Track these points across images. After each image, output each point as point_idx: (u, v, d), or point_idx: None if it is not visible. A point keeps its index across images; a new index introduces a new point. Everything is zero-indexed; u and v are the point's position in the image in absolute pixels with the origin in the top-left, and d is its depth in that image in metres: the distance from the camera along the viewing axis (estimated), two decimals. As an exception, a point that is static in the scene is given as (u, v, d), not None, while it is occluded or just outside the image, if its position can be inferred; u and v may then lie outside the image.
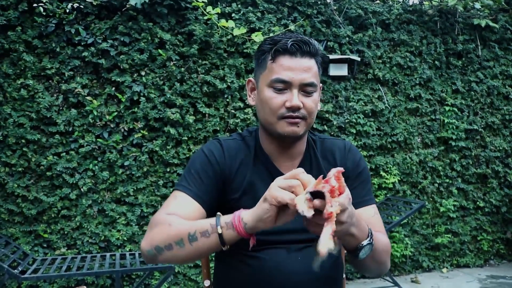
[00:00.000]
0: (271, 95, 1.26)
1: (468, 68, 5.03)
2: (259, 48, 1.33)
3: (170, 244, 1.14)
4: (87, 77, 3.81)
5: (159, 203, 3.95)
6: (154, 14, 3.93)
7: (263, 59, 1.30)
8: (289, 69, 1.24)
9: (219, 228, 1.08)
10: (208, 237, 1.10)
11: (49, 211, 3.72)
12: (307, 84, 1.25)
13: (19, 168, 3.65)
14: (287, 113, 1.25)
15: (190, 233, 1.11)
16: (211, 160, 1.33)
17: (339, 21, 4.55)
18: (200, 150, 1.38)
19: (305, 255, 1.27)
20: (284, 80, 1.24)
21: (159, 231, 1.17)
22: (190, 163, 1.35)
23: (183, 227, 1.14)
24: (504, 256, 5.28)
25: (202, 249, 1.12)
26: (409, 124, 4.81)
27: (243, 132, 1.46)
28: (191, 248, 1.12)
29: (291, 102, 1.23)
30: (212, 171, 1.31)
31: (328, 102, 4.51)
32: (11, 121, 3.61)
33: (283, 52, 1.25)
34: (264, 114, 1.29)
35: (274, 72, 1.25)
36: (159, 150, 3.92)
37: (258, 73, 1.33)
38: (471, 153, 5.05)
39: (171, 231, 1.15)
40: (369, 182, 1.43)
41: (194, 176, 1.30)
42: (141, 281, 3.75)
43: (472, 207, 5.08)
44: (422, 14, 4.88)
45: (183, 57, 4.02)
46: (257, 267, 1.26)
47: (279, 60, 1.26)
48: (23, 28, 3.65)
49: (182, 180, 1.31)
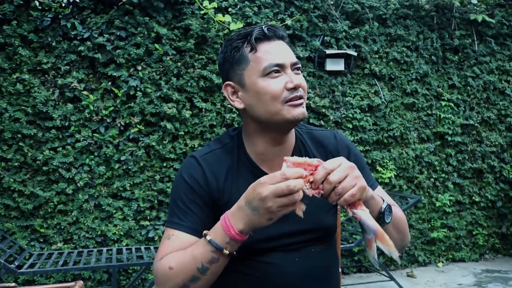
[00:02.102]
0: (269, 83, 1.20)
1: (464, 63, 5.04)
2: (229, 47, 1.27)
3: (184, 284, 1.14)
4: (83, 71, 3.80)
5: (155, 197, 3.95)
6: (150, 9, 3.91)
7: (240, 55, 1.24)
8: (275, 52, 1.22)
9: (224, 251, 1.09)
10: (218, 262, 1.11)
11: (46, 206, 3.72)
12: (296, 62, 1.24)
13: (15, 163, 3.64)
14: (291, 95, 1.20)
15: (198, 268, 1.11)
16: (194, 187, 1.26)
17: (336, 16, 4.54)
18: (180, 176, 1.29)
19: (302, 256, 1.26)
20: (278, 63, 1.21)
21: (167, 278, 1.16)
22: (174, 194, 1.28)
23: (187, 264, 1.13)
24: (499, 250, 5.31)
25: (217, 271, 1.13)
26: (405, 119, 4.82)
27: (222, 137, 1.37)
28: (207, 277, 1.13)
29: (294, 81, 1.20)
30: (198, 197, 1.25)
31: (325, 97, 4.51)
32: (7, 116, 3.60)
33: (262, 38, 1.23)
34: (264, 106, 1.21)
35: (263, 60, 1.21)
36: (155, 145, 3.92)
37: (239, 71, 1.25)
38: (467, 148, 5.07)
39: (177, 273, 1.14)
40: (367, 166, 1.40)
41: (183, 208, 1.24)
42: (137, 275, 3.76)
43: (468, 201, 5.10)
44: (419, 9, 4.87)
45: (179, 52, 4.01)
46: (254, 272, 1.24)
47: (261, 47, 1.22)
48: (19, 22, 3.63)
49: (172, 216, 1.26)
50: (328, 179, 1.01)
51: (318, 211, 1.27)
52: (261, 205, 1.01)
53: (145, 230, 3.93)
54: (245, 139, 1.32)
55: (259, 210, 1.02)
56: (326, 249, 1.32)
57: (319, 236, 1.29)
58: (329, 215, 1.32)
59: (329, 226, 1.32)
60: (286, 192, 0.98)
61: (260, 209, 1.01)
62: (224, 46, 1.29)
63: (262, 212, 1.02)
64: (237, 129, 1.37)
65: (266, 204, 1.00)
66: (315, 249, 1.28)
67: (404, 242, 1.33)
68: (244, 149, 1.31)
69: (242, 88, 1.25)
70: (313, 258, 1.27)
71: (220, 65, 1.32)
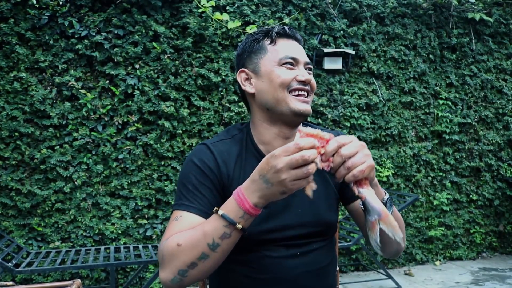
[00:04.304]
0: (283, 71, 1.30)
1: (462, 62, 5.05)
2: (250, 38, 1.38)
3: (192, 262, 1.10)
4: (81, 70, 3.79)
5: (153, 196, 3.95)
6: (148, 7, 3.91)
7: (259, 46, 1.35)
8: (292, 48, 1.33)
9: (238, 225, 1.07)
10: (230, 238, 1.08)
11: (43, 205, 3.71)
12: (309, 62, 1.35)
13: (13, 162, 3.64)
14: (298, 85, 1.29)
15: (209, 244, 1.09)
16: (206, 171, 1.27)
17: (334, 14, 4.54)
18: (190, 161, 1.31)
19: (303, 251, 1.29)
20: (294, 57, 1.31)
21: (173, 256, 1.12)
22: (184, 177, 1.29)
23: (197, 241, 1.10)
24: (497, 248, 5.33)
25: (227, 249, 1.11)
26: (403, 118, 4.82)
27: (230, 129, 1.42)
28: (217, 254, 1.10)
29: (304, 76, 1.30)
30: (209, 181, 1.26)
31: (323, 95, 4.51)
32: (4, 114, 3.59)
33: (282, 35, 1.35)
34: (273, 92, 1.29)
35: (280, 51, 1.32)
36: (153, 143, 3.91)
37: (256, 59, 1.35)
38: (465, 147, 5.08)
39: (185, 250, 1.11)
40: None
41: (192, 191, 1.24)
42: (135, 274, 3.76)
43: (465, 200, 5.11)
44: (417, 8, 4.88)
45: (177, 50, 4.01)
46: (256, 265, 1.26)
47: (281, 41, 1.34)
48: (16, 20, 3.62)
49: (181, 198, 1.25)
50: (339, 152, 1.01)
51: (320, 205, 1.32)
52: (275, 177, 1.00)
53: (143, 228, 3.93)
54: (253, 130, 1.37)
55: (272, 184, 1.01)
56: (326, 246, 1.34)
57: (320, 231, 1.32)
58: (331, 212, 1.35)
59: (330, 222, 1.35)
60: (300, 163, 0.97)
61: (274, 182, 1.01)
62: (245, 39, 1.41)
63: (276, 185, 1.01)
64: (245, 123, 1.43)
65: (280, 176, 0.99)
66: (316, 245, 1.30)
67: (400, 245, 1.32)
68: (252, 139, 1.36)
69: (255, 74, 1.35)
70: (314, 254, 1.30)
71: (238, 55, 1.41)
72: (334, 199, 1.37)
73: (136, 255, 3.47)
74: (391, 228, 1.03)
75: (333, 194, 1.36)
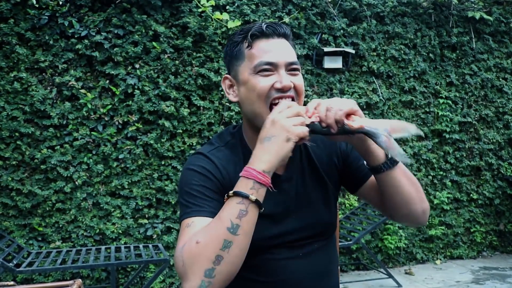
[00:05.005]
0: (258, 80, 1.18)
1: (462, 61, 5.04)
2: (230, 41, 1.27)
3: (217, 255, 1.01)
4: (81, 70, 3.80)
5: (154, 196, 3.95)
6: (148, 7, 3.90)
7: (237, 51, 1.24)
8: (270, 50, 1.19)
9: (251, 197, 1.03)
10: (246, 214, 1.03)
11: (44, 205, 3.72)
12: (292, 62, 1.21)
13: (13, 162, 3.64)
14: (277, 94, 1.17)
15: (228, 228, 1.02)
16: (208, 175, 1.19)
17: (334, 13, 4.54)
18: (188, 170, 1.23)
19: (306, 252, 1.28)
20: (270, 62, 1.18)
21: (195, 257, 1.01)
22: (185, 186, 1.19)
23: (215, 230, 1.03)
24: (497, 247, 5.32)
25: (249, 230, 1.04)
26: (403, 117, 4.82)
27: (223, 135, 1.34)
28: (240, 238, 1.02)
29: (282, 82, 1.17)
30: (213, 185, 1.19)
31: (323, 94, 4.51)
32: (5, 114, 3.59)
33: (260, 36, 1.21)
34: (251, 104, 1.20)
35: (256, 57, 1.19)
36: (153, 143, 3.91)
37: (236, 66, 1.25)
38: (465, 146, 5.08)
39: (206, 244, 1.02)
40: None
41: (199, 196, 1.16)
42: (136, 273, 3.76)
43: (466, 199, 5.11)
44: (417, 7, 4.87)
45: (177, 50, 4.01)
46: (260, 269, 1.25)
47: (257, 44, 1.20)
48: (16, 20, 3.62)
49: (188, 207, 1.15)
50: (319, 104, 1.11)
51: (319, 207, 1.30)
52: (275, 127, 1.07)
53: (143, 228, 3.93)
54: (245, 135, 1.31)
55: (274, 135, 1.07)
56: (327, 245, 1.34)
57: (320, 232, 1.31)
58: (330, 212, 1.34)
59: (329, 221, 1.34)
60: (294, 111, 1.09)
61: (276, 131, 1.06)
62: (227, 40, 1.31)
63: (279, 133, 1.06)
64: (237, 127, 1.35)
65: (279, 123, 1.07)
66: (317, 245, 1.30)
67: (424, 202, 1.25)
68: (246, 145, 1.29)
69: (237, 82, 1.25)
70: (316, 254, 1.29)
71: (223, 59, 1.37)
72: (333, 198, 1.36)
73: (136, 254, 3.47)
74: (404, 130, 1.09)
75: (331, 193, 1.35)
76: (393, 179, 1.19)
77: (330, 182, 1.33)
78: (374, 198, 1.32)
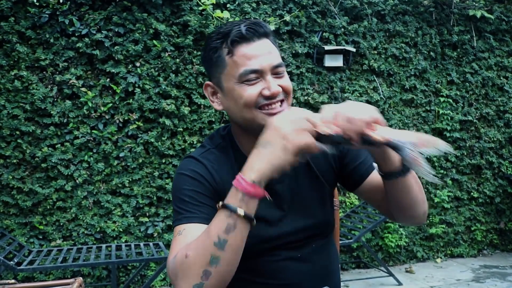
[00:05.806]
0: (245, 89, 1.13)
1: (463, 59, 5.04)
2: (208, 47, 1.19)
3: (205, 271, 0.98)
4: (82, 68, 3.79)
5: (154, 194, 3.95)
6: (148, 5, 3.90)
7: (217, 57, 1.17)
8: (254, 56, 1.13)
9: (239, 211, 0.97)
10: (235, 230, 0.98)
11: (45, 203, 3.72)
12: (277, 65, 1.16)
13: (14, 160, 3.64)
14: (265, 101, 1.13)
15: (215, 242, 0.97)
16: (199, 179, 1.17)
17: (335, 11, 4.53)
18: (179, 175, 1.21)
19: (304, 252, 1.27)
20: (255, 70, 1.12)
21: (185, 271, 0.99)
22: (177, 192, 1.18)
23: (203, 244, 0.99)
24: (497, 246, 5.33)
25: (236, 246, 1.00)
26: (404, 115, 4.82)
27: (214, 137, 1.31)
28: (227, 254, 0.98)
29: (270, 89, 1.12)
30: (205, 190, 1.17)
31: (323, 93, 4.51)
32: (5, 113, 3.59)
33: (240, 41, 1.13)
34: (240, 112, 1.16)
35: (239, 65, 1.13)
36: (154, 141, 3.92)
37: (217, 74, 1.19)
38: (466, 144, 5.08)
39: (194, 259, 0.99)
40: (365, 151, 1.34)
41: (191, 202, 1.14)
42: (137, 272, 3.76)
43: (466, 197, 5.11)
44: (418, 5, 4.87)
45: (178, 48, 4.01)
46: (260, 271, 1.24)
47: (239, 50, 1.13)
48: (16, 18, 3.62)
49: (180, 213, 1.14)
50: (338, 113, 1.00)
51: (315, 208, 1.28)
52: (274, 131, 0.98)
53: (144, 226, 3.94)
54: (236, 138, 1.28)
55: (270, 141, 0.98)
56: (326, 245, 1.33)
57: (318, 232, 1.30)
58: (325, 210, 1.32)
59: (326, 220, 1.32)
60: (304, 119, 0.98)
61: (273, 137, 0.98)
62: (204, 44, 1.22)
63: (276, 140, 0.98)
64: (227, 128, 1.33)
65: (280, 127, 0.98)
66: (316, 244, 1.29)
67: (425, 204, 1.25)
68: (238, 148, 1.27)
69: (221, 90, 1.20)
70: (315, 254, 1.28)
71: (202, 63, 1.27)
72: (328, 198, 1.34)
73: (137, 253, 3.47)
74: (432, 146, 0.96)
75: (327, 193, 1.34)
76: (403, 184, 1.16)
77: (325, 182, 1.31)
78: (373, 197, 1.30)
